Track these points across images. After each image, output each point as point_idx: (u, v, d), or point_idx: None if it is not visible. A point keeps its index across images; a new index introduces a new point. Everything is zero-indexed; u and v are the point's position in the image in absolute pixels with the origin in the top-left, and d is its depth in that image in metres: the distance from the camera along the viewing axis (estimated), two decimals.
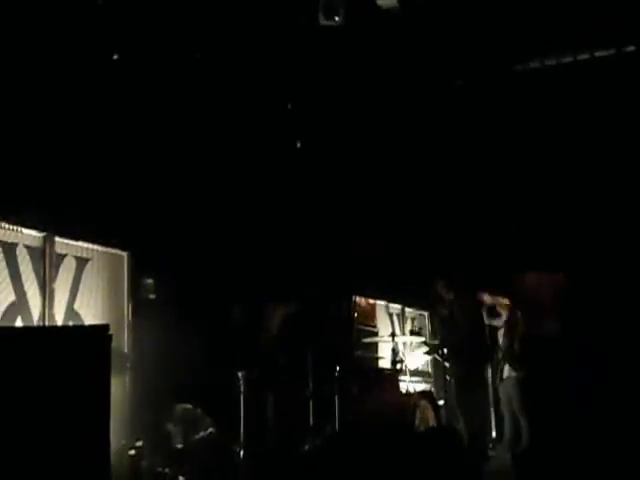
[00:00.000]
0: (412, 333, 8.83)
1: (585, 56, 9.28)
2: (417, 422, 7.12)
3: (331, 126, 8.96)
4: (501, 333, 8.47)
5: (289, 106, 8.55)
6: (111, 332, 4.49)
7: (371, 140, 9.35)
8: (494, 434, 8.67)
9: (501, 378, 8.34)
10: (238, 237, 8.11)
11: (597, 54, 9.25)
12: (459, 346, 8.46)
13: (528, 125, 9.53)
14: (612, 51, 9.14)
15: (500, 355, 8.39)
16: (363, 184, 9.36)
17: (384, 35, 8.46)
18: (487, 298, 8.53)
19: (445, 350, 8.65)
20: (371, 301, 8.94)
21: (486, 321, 8.59)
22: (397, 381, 7.88)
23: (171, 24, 7.31)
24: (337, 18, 7.73)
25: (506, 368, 8.30)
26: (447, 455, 6.07)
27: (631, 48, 9.11)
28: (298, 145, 9.06)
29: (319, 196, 8.89)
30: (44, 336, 4.76)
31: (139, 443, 6.41)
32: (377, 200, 9.52)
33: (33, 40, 6.27)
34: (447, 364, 8.63)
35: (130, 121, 7.15)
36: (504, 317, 8.44)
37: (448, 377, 8.47)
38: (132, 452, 6.32)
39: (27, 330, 5.41)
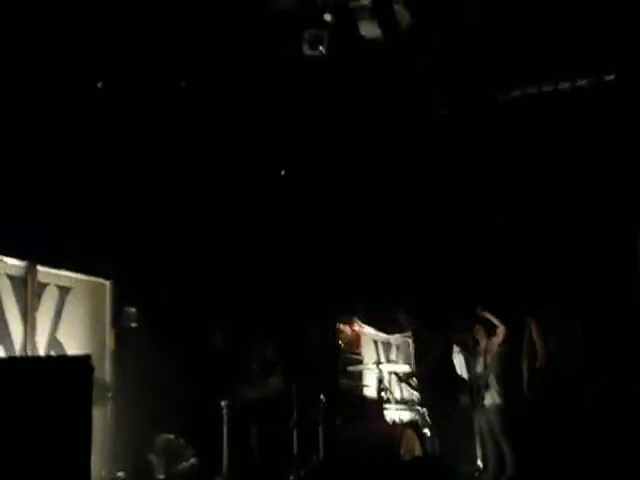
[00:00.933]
0: (400, 380, 8.81)
1: (566, 85, 9.39)
2: (403, 452, 7.07)
3: (314, 152, 9.00)
4: (480, 361, 8.47)
5: (273, 131, 8.59)
6: (93, 362, 4.47)
7: (354, 167, 9.39)
8: (479, 463, 8.63)
9: (481, 405, 8.34)
10: (221, 265, 8.09)
11: (578, 83, 9.36)
12: (429, 375, 8.49)
13: (510, 153, 9.61)
14: (593, 80, 9.25)
15: (481, 382, 8.38)
16: (345, 212, 9.39)
17: (368, 64, 8.53)
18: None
19: (414, 380, 8.71)
20: (356, 328, 8.90)
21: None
22: (382, 410, 7.83)
23: (158, 48, 7.33)
24: (321, 48, 7.79)
25: (487, 395, 8.29)
26: None
27: (611, 77, 9.23)
28: (282, 173, 9.10)
29: (303, 223, 8.90)
30: (25, 366, 4.71)
31: (120, 474, 6.35)
32: (359, 230, 9.54)
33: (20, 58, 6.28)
34: (417, 394, 8.69)
35: (113, 150, 7.14)
36: (483, 344, 8.49)
37: (419, 407, 8.47)
38: None
39: (8, 360, 5.36)
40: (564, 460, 7.71)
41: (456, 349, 8.94)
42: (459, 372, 9.04)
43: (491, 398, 8.26)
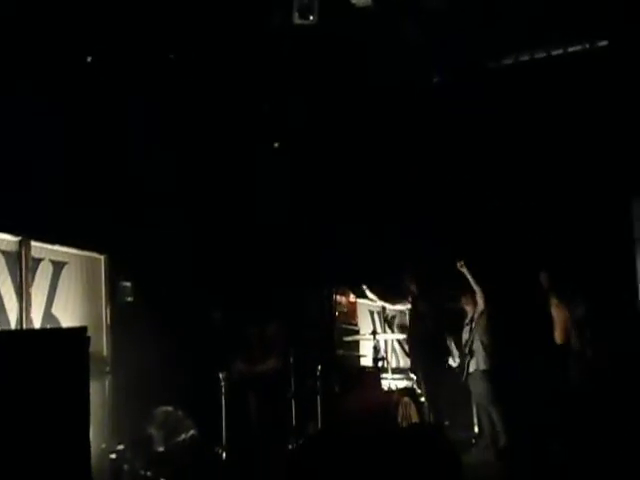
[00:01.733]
0: (385, 320, 8.88)
1: (559, 51, 9.35)
2: (400, 419, 7.13)
3: (312, 122, 8.97)
4: (466, 330, 8.57)
5: (269, 105, 8.55)
6: (89, 334, 4.47)
7: (352, 136, 9.36)
8: (476, 429, 8.70)
9: (468, 372, 8.43)
10: (217, 238, 8.08)
11: (570, 49, 9.32)
12: (423, 340, 8.54)
13: (504, 120, 9.59)
14: (585, 46, 9.21)
15: (466, 349, 8.47)
16: (344, 182, 9.38)
17: (358, 33, 8.48)
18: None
19: (407, 346, 8.80)
20: (352, 299, 8.93)
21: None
22: (379, 379, 7.88)
23: (148, 23, 7.28)
24: (312, 17, 7.73)
25: (472, 362, 8.39)
26: (430, 452, 6.06)
27: (603, 43, 9.19)
28: (276, 145, 9.07)
29: (300, 196, 8.89)
30: (21, 339, 4.73)
31: (120, 447, 6.37)
32: (356, 198, 9.53)
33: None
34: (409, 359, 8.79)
35: (108, 124, 7.11)
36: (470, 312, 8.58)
37: (412, 373, 8.58)
38: (113, 456, 6.29)
39: (3, 333, 5.34)
40: (555, 429, 7.79)
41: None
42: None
43: (475, 364, 8.39)
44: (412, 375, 8.59)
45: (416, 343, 8.71)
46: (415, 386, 8.27)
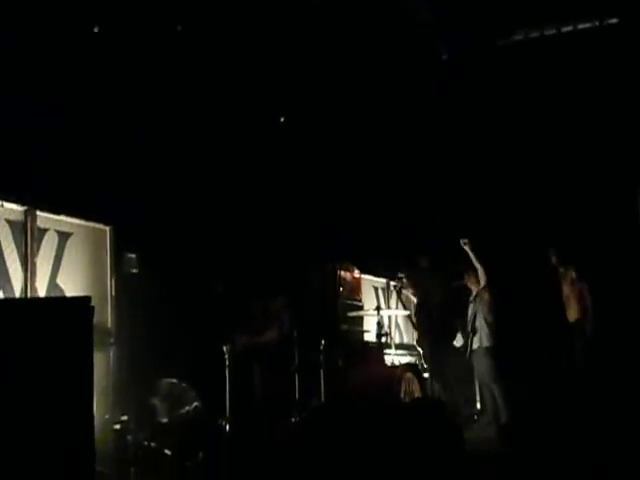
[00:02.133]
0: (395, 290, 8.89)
1: (569, 28, 9.27)
2: (402, 394, 7.14)
3: (315, 97, 8.93)
4: (470, 307, 8.60)
5: (273, 80, 8.51)
6: (93, 304, 4.47)
7: (356, 113, 9.32)
8: (478, 405, 8.74)
9: (471, 349, 8.48)
10: (222, 212, 8.07)
11: (580, 26, 9.24)
12: (431, 316, 8.56)
13: (512, 97, 9.52)
14: (595, 23, 9.14)
15: (469, 327, 8.52)
16: (348, 156, 9.34)
17: (368, 11, 8.43)
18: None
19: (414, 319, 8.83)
20: (356, 275, 8.93)
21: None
22: (382, 354, 7.90)
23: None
24: None
25: (475, 339, 8.43)
26: (432, 427, 6.08)
27: (614, 20, 9.11)
28: (282, 119, 9.03)
29: (305, 168, 8.86)
30: (25, 307, 4.72)
31: (124, 418, 6.39)
32: (362, 174, 9.50)
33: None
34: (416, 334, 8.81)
35: (113, 94, 7.08)
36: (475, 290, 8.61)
37: (420, 348, 8.61)
38: (117, 426, 6.31)
39: (7, 301, 5.34)
40: (558, 407, 7.82)
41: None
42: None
43: (479, 341, 8.44)
44: (419, 349, 8.64)
45: (424, 319, 8.72)
46: (418, 362, 8.29)
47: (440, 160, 10.09)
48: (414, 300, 9.38)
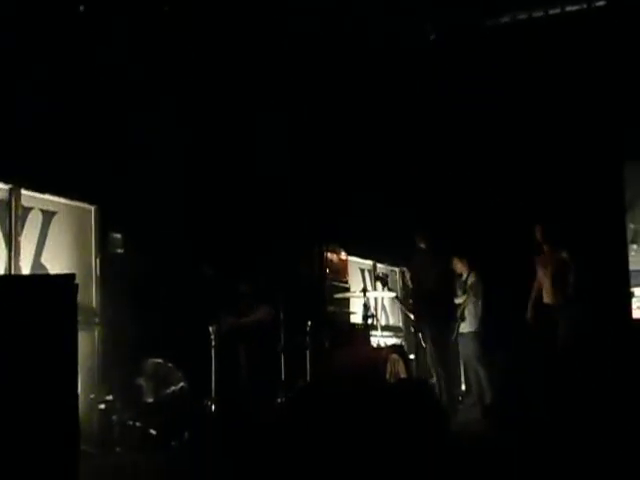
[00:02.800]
0: (377, 278, 8.87)
1: (556, 10, 9.27)
2: (388, 375, 7.15)
3: (308, 84, 8.89)
4: (459, 292, 8.65)
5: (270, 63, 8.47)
6: (77, 283, 4.43)
7: (348, 98, 9.28)
8: (463, 387, 8.79)
9: (458, 332, 8.54)
10: (208, 193, 8.04)
11: (568, 9, 9.24)
12: (428, 298, 8.55)
13: (498, 80, 9.51)
14: (583, 5, 9.14)
15: (459, 312, 8.57)
16: (336, 139, 9.31)
17: None
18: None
19: (411, 301, 8.81)
20: (343, 257, 8.92)
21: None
22: (368, 336, 7.91)
23: None
24: None
25: (463, 324, 8.49)
26: (417, 407, 6.09)
27: (601, 3, 9.11)
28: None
29: (293, 151, 8.82)
30: (7, 284, 4.66)
31: (109, 397, 6.38)
32: (351, 155, 9.48)
33: None
34: (412, 316, 8.79)
35: (99, 73, 7.01)
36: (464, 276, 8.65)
37: (417, 332, 8.61)
38: (102, 406, 6.30)
39: None
40: (541, 389, 7.87)
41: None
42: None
43: (468, 325, 8.49)
44: (414, 331, 8.65)
45: (421, 301, 8.69)
46: (404, 343, 8.32)
47: (429, 144, 10.08)
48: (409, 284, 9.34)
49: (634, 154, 9.48)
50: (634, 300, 9.67)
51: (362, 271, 9.70)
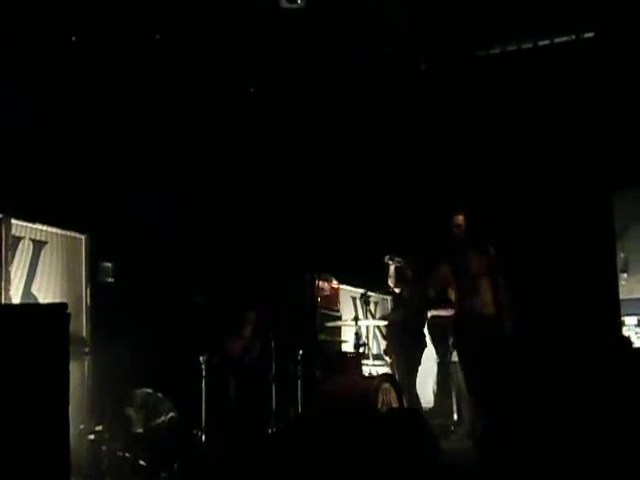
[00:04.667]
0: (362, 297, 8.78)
1: (545, 42, 9.37)
2: (379, 405, 7.12)
3: (296, 108, 8.94)
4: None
5: (253, 88, 8.51)
6: (69, 311, 4.42)
7: (334, 123, 9.33)
8: (455, 416, 8.76)
9: (451, 360, 8.51)
10: (199, 221, 8.04)
11: (557, 40, 9.35)
12: (403, 325, 8.55)
13: (489, 109, 9.59)
14: (571, 37, 9.25)
15: (450, 341, 8.54)
16: (326, 168, 9.35)
17: (347, 18, 8.46)
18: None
19: (385, 330, 8.82)
20: (334, 285, 8.92)
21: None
22: (359, 364, 7.88)
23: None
24: (299, 1, 7.70)
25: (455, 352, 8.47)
26: (408, 437, 6.08)
27: (589, 34, 9.22)
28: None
29: (284, 179, 8.84)
30: None
31: (99, 428, 6.33)
32: (341, 184, 9.51)
33: None
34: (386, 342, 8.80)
35: (89, 101, 7.04)
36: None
37: (387, 357, 8.62)
38: (91, 437, 6.25)
39: None
40: (536, 416, 7.83)
41: None
42: None
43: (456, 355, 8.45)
44: (386, 358, 8.65)
45: (396, 328, 8.71)
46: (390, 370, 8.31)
47: (420, 173, 10.12)
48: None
49: (622, 184, 9.55)
50: (625, 329, 9.70)
51: (354, 299, 9.69)
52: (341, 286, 9.12)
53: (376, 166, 9.87)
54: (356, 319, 8.16)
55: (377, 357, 8.84)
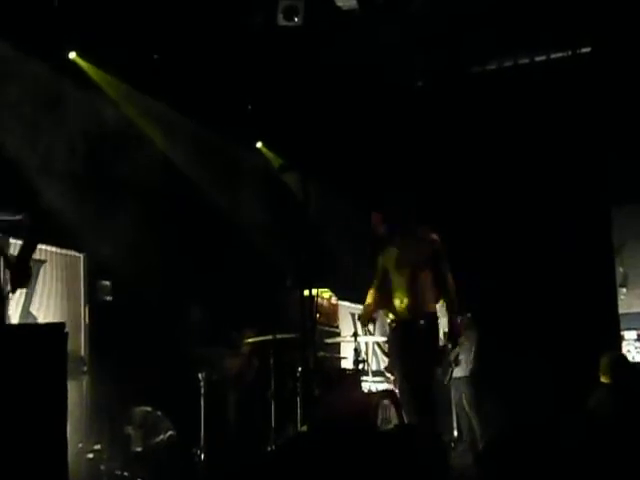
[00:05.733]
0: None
1: (542, 57, 9.40)
2: (379, 422, 7.09)
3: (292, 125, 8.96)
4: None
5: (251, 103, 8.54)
6: (67, 331, 4.42)
7: (332, 139, 9.34)
8: (455, 433, 8.72)
9: (451, 377, 8.49)
10: (197, 238, 8.05)
11: (553, 56, 9.37)
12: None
13: (487, 125, 9.61)
14: (568, 52, 9.27)
15: (453, 356, 8.53)
16: (323, 182, 9.36)
17: (344, 37, 8.48)
18: None
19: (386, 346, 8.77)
20: (333, 302, 8.90)
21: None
22: (359, 381, 7.84)
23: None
24: (296, 19, 7.73)
25: (458, 369, 8.45)
26: (409, 453, 6.04)
27: (586, 49, 9.25)
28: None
29: (280, 192, 8.84)
30: None
31: (97, 446, 6.32)
32: (341, 199, 9.52)
33: None
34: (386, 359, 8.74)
35: (90, 118, 7.08)
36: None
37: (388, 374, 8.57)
38: (90, 455, 6.24)
39: None
40: (536, 432, 7.80)
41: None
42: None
43: (462, 370, 8.45)
44: (388, 375, 8.60)
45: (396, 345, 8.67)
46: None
47: (417, 190, 10.10)
48: None
49: (620, 199, 9.57)
50: (624, 343, 9.68)
51: (352, 315, 9.67)
52: (340, 302, 9.10)
53: (374, 181, 9.86)
54: (355, 335, 8.13)
55: (377, 373, 8.80)
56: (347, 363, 8.34)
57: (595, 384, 6.19)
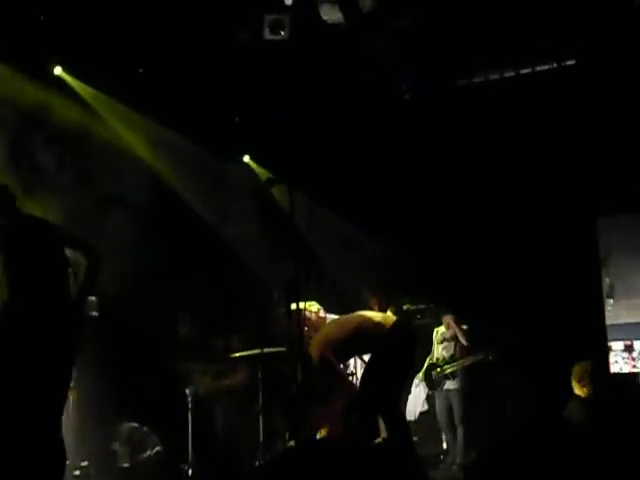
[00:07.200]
0: None
1: (527, 70, 9.44)
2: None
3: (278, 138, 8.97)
4: (445, 346, 8.63)
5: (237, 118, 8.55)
6: None
7: (319, 153, 9.36)
8: (444, 445, 8.71)
9: (441, 389, 8.49)
10: (183, 251, 8.03)
11: (538, 68, 9.42)
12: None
13: (473, 138, 9.64)
14: (553, 65, 9.32)
15: (440, 369, 8.53)
16: (311, 194, 9.35)
17: (330, 50, 8.51)
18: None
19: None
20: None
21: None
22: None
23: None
24: (283, 33, 7.74)
25: (450, 381, 8.45)
26: (398, 466, 6.02)
27: (571, 62, 9.30)
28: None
29: (271, 205, 8.84)
30: None
31: (84, 463, 6.28)
32: (327, 212, 9.52)
33: None
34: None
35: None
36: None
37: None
38: (77, 472, 6.20)
39: None
40: (526, 445, 7.79)
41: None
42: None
43: (452, 383, 8.44)
44: None
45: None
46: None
47: (404, 205, 10.13)
48: None
49: (607, 210, 9.61)
50: (611, 354, 9.70)
51: None
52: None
53: (363, 195, 9.88)
54: None
55: None
56: None
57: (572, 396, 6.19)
